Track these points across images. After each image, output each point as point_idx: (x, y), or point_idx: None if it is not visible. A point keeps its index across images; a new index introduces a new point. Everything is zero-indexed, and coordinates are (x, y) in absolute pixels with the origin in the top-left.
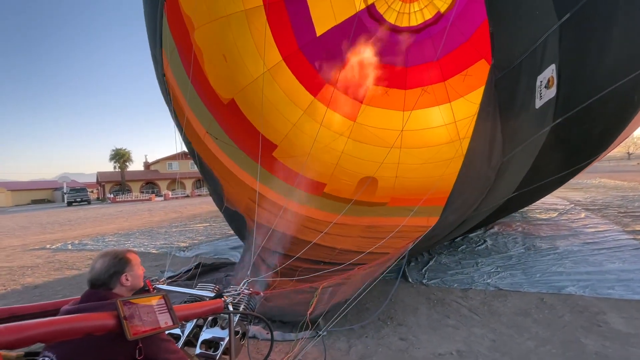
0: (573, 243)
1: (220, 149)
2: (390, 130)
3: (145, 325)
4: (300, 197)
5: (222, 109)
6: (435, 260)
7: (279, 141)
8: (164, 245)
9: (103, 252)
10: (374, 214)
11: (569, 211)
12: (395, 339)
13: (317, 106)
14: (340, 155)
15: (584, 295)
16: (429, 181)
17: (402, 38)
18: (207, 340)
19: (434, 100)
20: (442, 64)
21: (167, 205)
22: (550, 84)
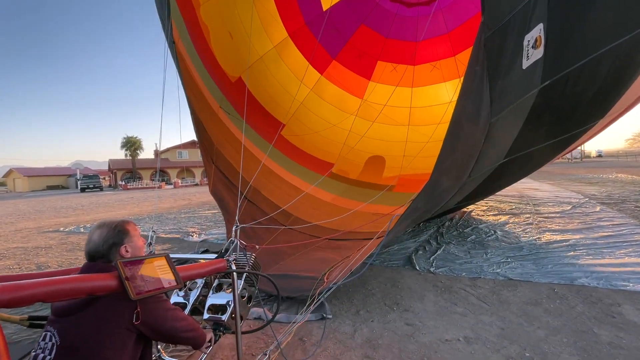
0: (587, 236)
1: (234, 124)
2: (399, 107)
3: (148, 285)
4: (309, 177)
5: (230, 87)
6: (444, 249)
7: (286, 120)
8: (173, 230)
9: (99, 223)
10: (380, 201)
11: (584, 205)
12: (402, 324)
13: (324, 83)
14: (348, 134)
15: (597, 287)
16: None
17: (412, 12)
18: (215, 304)
19: (441, 76)
20: (453, 38)
21: (177, 193)
22: (537, 43)
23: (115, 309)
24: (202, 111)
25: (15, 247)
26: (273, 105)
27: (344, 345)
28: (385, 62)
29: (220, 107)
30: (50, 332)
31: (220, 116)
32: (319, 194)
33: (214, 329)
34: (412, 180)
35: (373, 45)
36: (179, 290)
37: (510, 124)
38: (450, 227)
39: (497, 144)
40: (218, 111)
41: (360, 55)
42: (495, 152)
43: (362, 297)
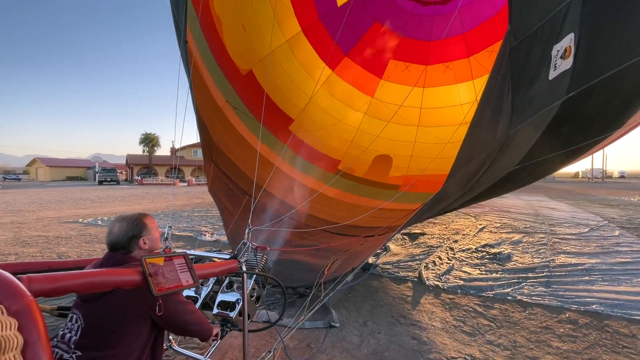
0: (604, 261)
1: (240, 119)
2: (409, 107)
3: (169, 282)
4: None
5: (241, 80)
6: (455, 266)
7: (295, 115)
8: (187, 228)
9: (120, 217)
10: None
11: (602, 227)
12: (408, 338)
13: (335, 80)
14: (356, 132)
15: (611, 315)
16: (443, 162)
17: (427, 10)
18: (224, 301)
19: (453, 77)
20: (468, 39)
21: (191, 191)
22: (567, 54)
23: (134, 298)
24: (204, 109)
25: (37, 235)
26: (283, 99)
27: (350, 355)
28: (397, 61)
29: (227, 101)
30: (76, 314)
31: (226, 112)
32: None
33: (222, 325)
34: (419, 181)
35: (386, 43)
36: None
37: (528, 134)
38: (461, 242)
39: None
40: (224, 106)
41: (373, 52)
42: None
43: (370, 308)
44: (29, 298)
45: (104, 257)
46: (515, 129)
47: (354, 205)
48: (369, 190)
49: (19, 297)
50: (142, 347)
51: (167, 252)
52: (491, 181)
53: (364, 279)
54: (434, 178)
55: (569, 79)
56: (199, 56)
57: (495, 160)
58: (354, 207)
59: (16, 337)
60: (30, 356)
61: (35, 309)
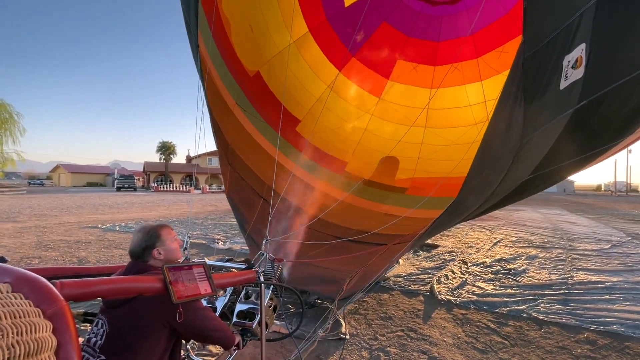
0: (627, 279)
1: (249, 121)
2: (416, 108)
3: (188, 290)
4: (322, 174)
5: (249, 81)
6: (468, 281)
7: (302, 116)
8: (200, 235)
9: (139, 227)
10: (392, 202)
11: (625, 244)
12: (419, 353)
13: (342, 81)
14: (363, 133)
15: (633, 336)
16: (450, 164)
17: (436, 10)
18: (243, 311)
19: (462, 78)
20: (477, 39)
21: (205, 198)
22: (578, 64)
23: (155, 305)
24: (218, 111)
25: (59, 240)
26: (291, 100)
27: None
28: (405, 62)
29: (237, 103)
30: (102, 320)
31: (236, 114)
32: (333, 192)
33: (242, 334)
34: (426, 183)
35: (394, 43)
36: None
37: (541, 143)
38: (475, 256)
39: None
40: (234, 108)
41: (381, 53)
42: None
43: (380, 321)
44: (63, 302)
45: (128, 265)
46: (527, 138)
47: (360, 209)
48: (375, 193)
49: (54, 301)
50: (161, 354)
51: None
52: (506, 192)
53: (375, 290)
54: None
55: (580, 89)
56: (209, 58)
57: (510, 171)
58: (361, 211)
59: (51, 338)
60: (63, 357)
61: (68, 312)
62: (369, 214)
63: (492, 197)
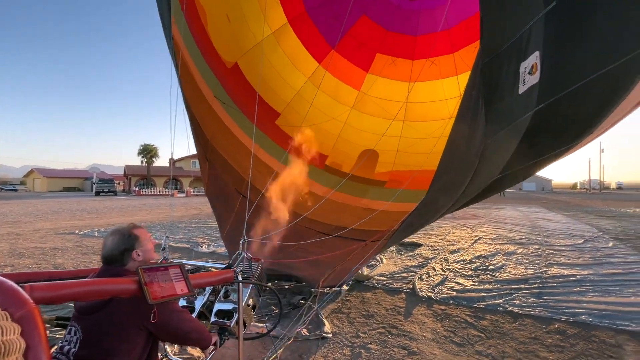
0: (596, 272)
1: (228, 114)
2: (395, 101)
3: (164, 291)
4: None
5: (227, 74)
6: (448, 277)
7: (281, 109)
8: (183, 239)
9: (113, 230)
10: (372, 196)
11: (596, 239)
12: (399, 348)
13: (322, 73)
14: (343, 126)
15: (599, 325)
16: (427, 157)
17: (414, 5)
18: (222, 310)
19: (439, 73)
20: (453, 34)
21: (189, 202)
22: (533, 70)
23: (130, 308)
24: (196, 105)
25: (33, 247)
26: (270, 93)
27: None
28: (384, 55)
29: (215, 96)
30: (75, 327)
31: (215, 107)
32: (313, 187)
33: (220, 333)
34: (405, 176)
35: (373, 37)
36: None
37: (505, 144)
38: (456, 253)
39: (491, 163)
40: (212, 101)
41: (360, 46)
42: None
43: (363, 319)
44: (32, 305)
45: (100, 270)
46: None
47: (340, 204)
48: (355, 187)
49: (22, 304)
50: (138, 357)
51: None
52: (477, 191)
53: (359, 289)
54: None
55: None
56: (186, 50)
57: (478, 172)
58: (341, 206)
59: (19, 341)
60: (32, 358)
61: (37, 315)
62: (348, 208)
63: (462, 197)
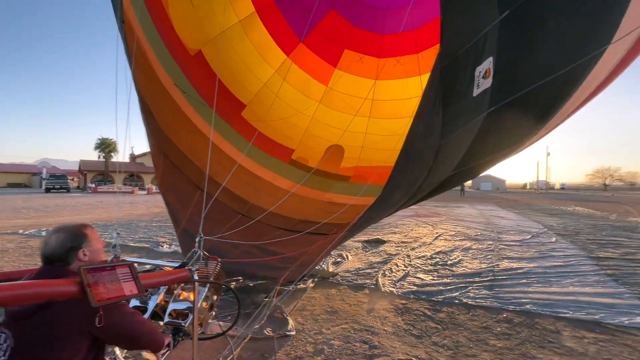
0: (540, 265)
1: (190, 104)
2: (361, 98)
3: (110, 292)
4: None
5: (189, 61)
6: (410, 273)
7: (247, 100)
8: (143, 239)
9: (57, 227)
10: (336, 190)
11: (541, 235)
12: (361, 343)
13: (290, 66)
14: (310, 121)
15: (542, 314)
16: (392, 154)
17: (382, 3)
18: (176, 310)
19: (404, 72)
20: (417, 35)
21: (150, 200)
22: (487, 74)
23: (71, 313)
24: (150, 93)
25: None
26: (236, 84)
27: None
28: (352, 52)
29: (175, 84)
30: (5, 334)
31: (174, 95)
32: (277, 181)
33: (173, 334)
34: (368, 171)
35: (341, 32)
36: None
37: (460, 143)
38: (418, 250)
39: (446, 161)
40: (171, 89)
41: (328, 41)
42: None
43: (326, 315)
44: None
45: (39, 270)
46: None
47: (304, 198)
48: (320, 182)
49: None
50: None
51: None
52: (432, 186)
53: (324, 286)
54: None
55: (490, 96)
56: (143, 34)
57: (433, 169)
58: (305, 200)
59: None
60: None
61: None
62: (312, 202)
63: (418, 192)
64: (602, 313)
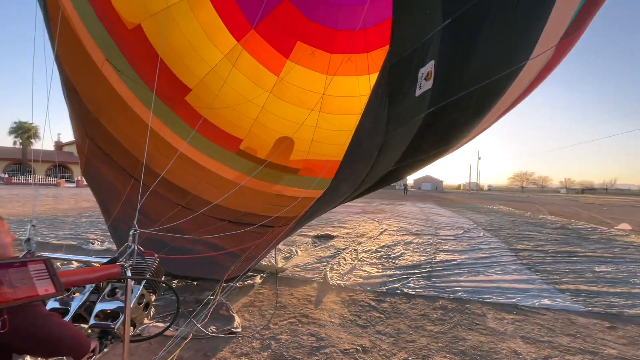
0: (470, 256)
1: (124, 84)
2: (312, 92)
3: (18, 292)
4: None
5: (126, 36)
6: (357, 266)
7: (193, 84)
8: (70, 236)
9: None
10: (285, 182)
11: (472, 230)
12: (308, 336)
13: (240, 52)
14: (260, 111)
15: (471, 300)
16: (339, 149)
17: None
18: (104, 310)
19: (354, 69)
20: (368, 35)
21: (80, 193)
22: (428, 76)
23: None
24: (76, 69)
25: None
26: (181, 66)
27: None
28: (304, 44)
29: (107, 60)
30: None
31: (106, 74)
32: (222, 171)
33: (100, 338)
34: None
35: (294, 23)
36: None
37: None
38: (364, 244)
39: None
40: (102, 66)
41: (282, 31)
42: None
43: (274, 310)
44: None
45: None
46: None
47: (252, 190)
48: (269, 174)
49: None
50: None
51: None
52: (374, 180)
53: (272, 282)
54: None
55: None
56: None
57: (376, 163)
58: (252, 192)
59: None
60: None
61: None
62: (259, 194)
63: (362, 185)
64: (518, 297)
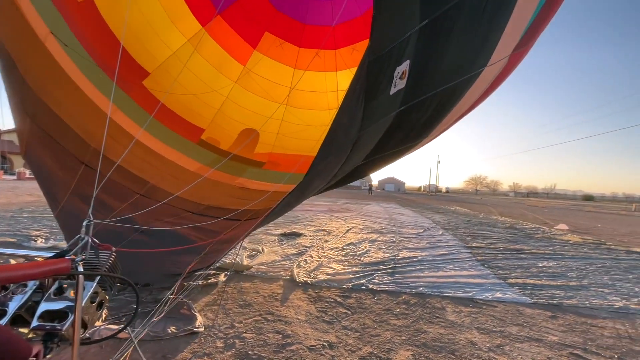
0: (431, 254)
1: (71, 59)
2: (279, 85)
3: None
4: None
5: (76, 8)
6: (323, 263)
7: (152, 68)
8: (8, 232)
9: None
10: (249, 175)
11: (432, 229)
12: (274, 334)
13: (204, 38)
14: (224, 101)
15: (431, 294)
16: (305, 144)
17: None
18: (50, 311)
19: (322, 65)
20: (336, 32)
21: (21, 186)
22: (403, 76)
23: None
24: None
25: None
26: (137, 46)
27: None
28: (272, 35)
29: (52, 32)
30: None
31: (50, 48)
32: (182, 162)
33: (45, 341)
34: (281, 159)
35: (263, 13)
36: None
37: (372, 136)
38: (330, 242)
39: (360, 150)
40: (47, 39)
41: (249, 19)
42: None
43: (239, 309)
44: None
45: None
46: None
47: (214, 182)
48: (233, 166)
49: None
50: None
51: None
52: (343, 174)
53: (236, 279)
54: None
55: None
56: None
57: (349, 158)
58: (214, 185)
59: None
60: None
61: None
62: (222, 187)
63: (333, 179)
64: (474, 291)
